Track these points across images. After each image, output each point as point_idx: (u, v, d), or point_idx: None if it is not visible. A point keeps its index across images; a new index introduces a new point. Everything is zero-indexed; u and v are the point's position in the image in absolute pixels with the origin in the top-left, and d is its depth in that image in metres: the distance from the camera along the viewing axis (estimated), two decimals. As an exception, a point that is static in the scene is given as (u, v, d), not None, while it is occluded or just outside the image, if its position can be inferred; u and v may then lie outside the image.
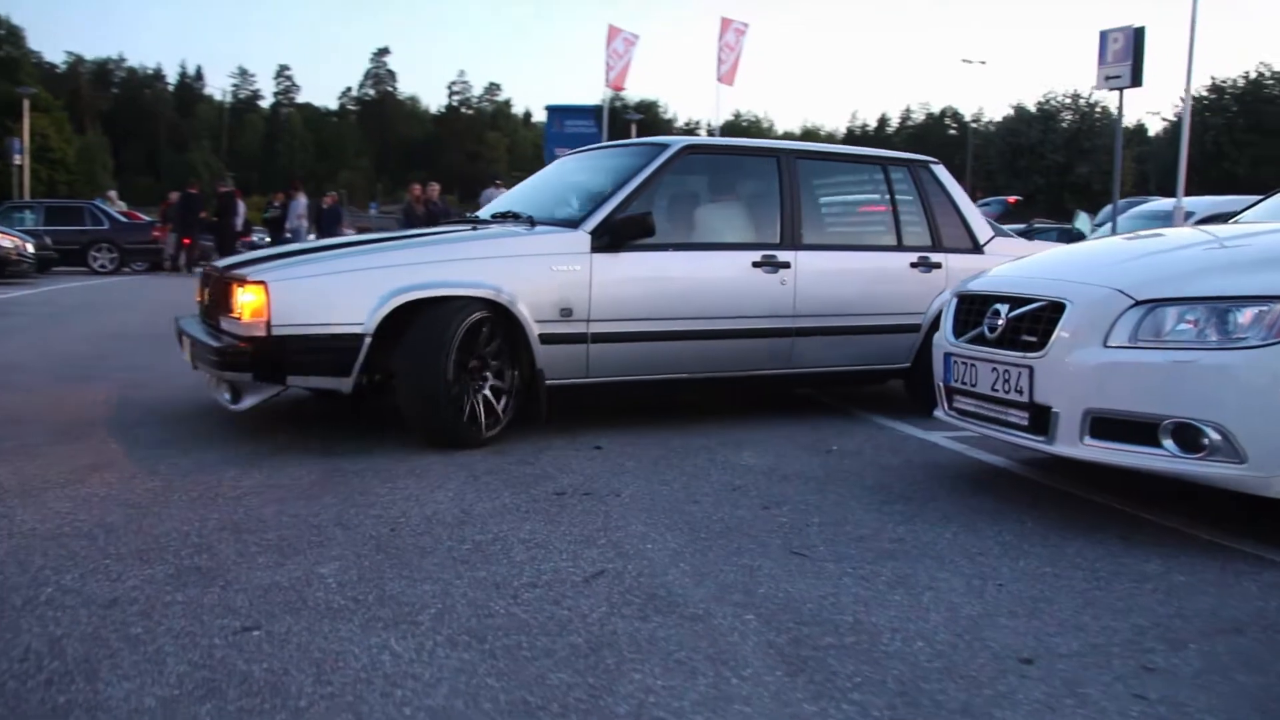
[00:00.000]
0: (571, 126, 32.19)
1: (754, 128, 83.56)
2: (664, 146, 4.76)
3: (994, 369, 3.29)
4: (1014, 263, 3.78)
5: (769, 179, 4.93)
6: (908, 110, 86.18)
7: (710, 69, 28.84)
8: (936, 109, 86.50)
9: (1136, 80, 10.77)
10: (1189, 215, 11.49)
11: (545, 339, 4.23)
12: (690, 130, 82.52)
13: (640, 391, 4.64)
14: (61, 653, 2.01)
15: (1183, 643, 2.21)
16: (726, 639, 2.16)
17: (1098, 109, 44.79)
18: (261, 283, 3.85)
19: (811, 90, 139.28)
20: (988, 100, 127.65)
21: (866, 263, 5.08)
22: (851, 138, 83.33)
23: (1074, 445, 3.02)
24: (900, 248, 5.18)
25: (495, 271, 4.15)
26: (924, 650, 2.13)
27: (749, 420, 4.94)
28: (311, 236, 20.30)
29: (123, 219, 19.42)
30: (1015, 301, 3.28)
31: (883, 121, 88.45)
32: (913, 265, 5.14)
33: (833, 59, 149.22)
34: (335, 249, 4.39)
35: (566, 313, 4.27)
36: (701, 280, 4.61)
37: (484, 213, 5.37)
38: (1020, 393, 3.17)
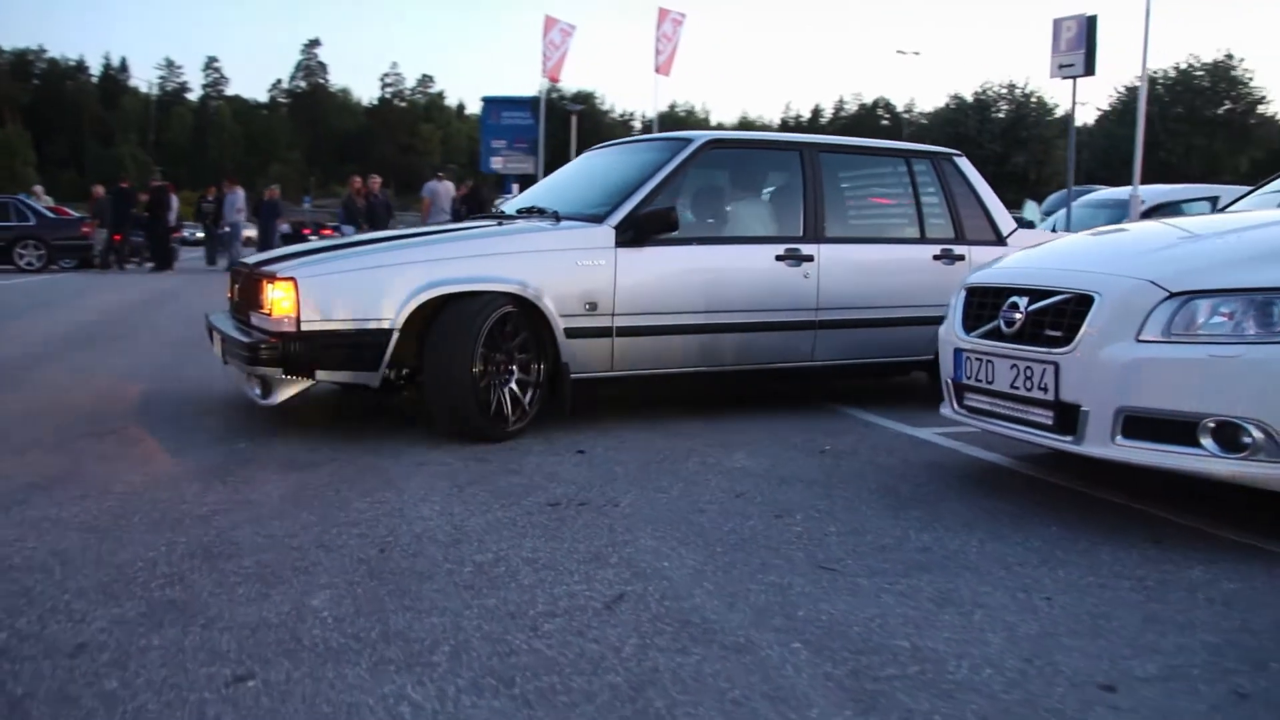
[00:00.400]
0: (508, 118, 31.80)
1: (690, 119, 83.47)
2: (688, 141, 4.75)
3: (1013, 365, 3.12)
4: (1023, 253, 3.62)
5: (792, 172, 4.93)
6: (841, 101, 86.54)
7: (648, 60, 28.65)
8: (869, 99, 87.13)
9: (1090, 69, 10.79)
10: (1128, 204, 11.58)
11: (570, 333, 4.23)
12: (625, 121, 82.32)
13: (663, 385, 4.66)
14: (25, 716, 1.74)
15: (1263, 662, 2.05)
16: (779, 672, 1.96)
17: (1033, 99, 45.51)
18: (291, 279, 3.86)
19: (748, 81, 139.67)
20: (921, 91, 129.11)
21: (889, 255, 5.06)
22: (785, 128, 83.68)
23: (1104, 445, 2.87)
24: (923, 240, 5.16)
25: (521, 266, 4.17)
26: (996, 679, 1.95)
27: (732, 418, 4.74)
28: (249, 232, 19.73)
29: (50, 214, 18.63)
30: (1035, 294, 3.12)
31: (816, 112, 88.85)
32: (935, 257, 5.11)
33: (769, 50, 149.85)
34: (363, 245, 4.40)
35: (591, 307, 4.28)
36: (725, 274, 4.61)
37: (508, 208, 5.38)
38: (1044, 390, 3.01)
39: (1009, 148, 43.93)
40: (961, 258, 5.15)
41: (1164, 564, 2.68)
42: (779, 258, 4.72)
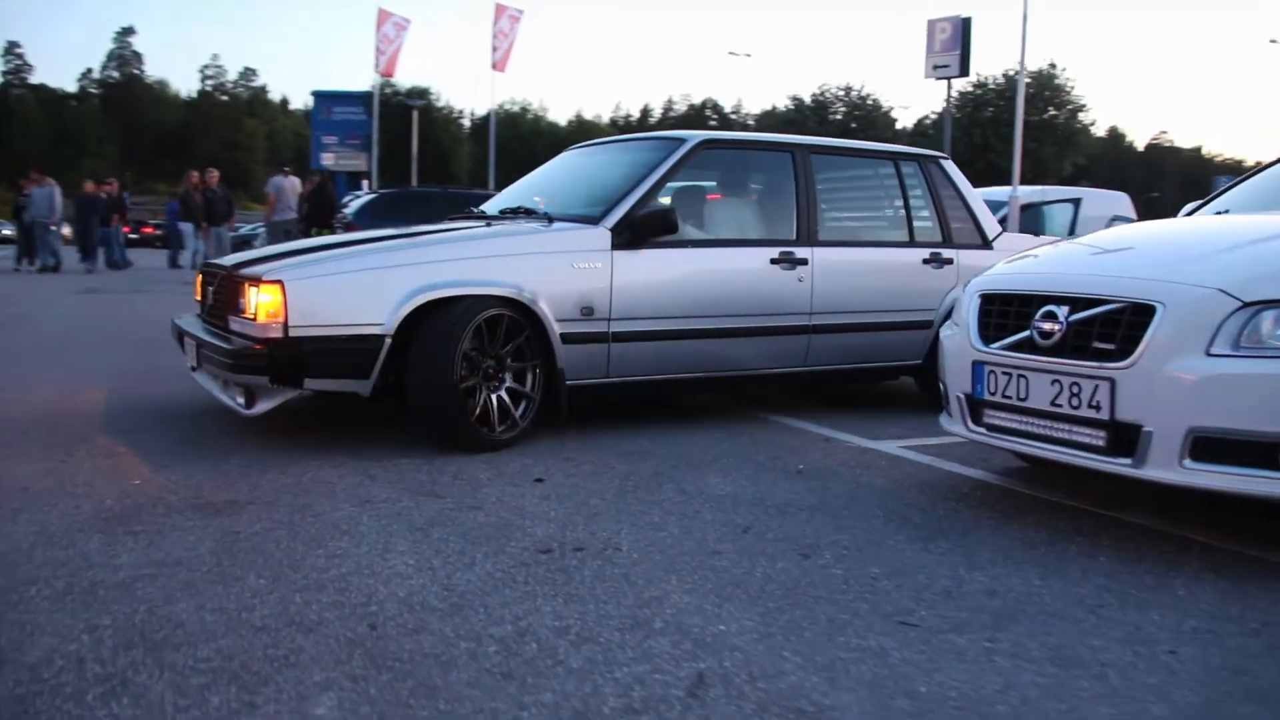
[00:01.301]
0: (340, 113, 30.55)
1: (526, 116, 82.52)
2: (681, 141, 4.60)
3: (1055, 381, 2.85)
4: (1045, 257, 3.36)
5: (784, 174, 4.79)
6: (670, 101, 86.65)
7: (484, 56, 28.00)
8: (698, 100, 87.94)
9: (965, 69, 10.95)
10: (1002, 205, 11.84)
11: (566, 338, 4.06)
12: (455, 118, 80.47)
13: (657, 391, 4.51)
14: None
15: None
16: (958, 782, 1.58)
17: (869, 101, 47.00)
18: (278, 282, 3.65)
19: (583, 79, 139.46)
20: (753, 93, 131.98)
21: (881, 259, 4.97)
22: (615, 128, 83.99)
23: (1170, 469, 2.62)
24: (912, 244, 5.08)
25: (516, 269, 3.99)
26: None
27: (676, 432, 4.35)
28: (58, 228, 18.07)
29: None
30: (1077, 302, 2.85)
31: (645, 112, 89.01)
32: (925, 261, 5.03)
33: (605, 48, 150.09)
34: (349, 246, 4.19)
35: (588, 311, 4.11)
36: (721, 278, 4.47)
37: (489, 208, 5.13)
38: (1096, 409, 2.74)
39: (845, 150, 45.17)
40: (950, 261, 5.06)
41: (1255, 602, 2.45)
42: (773, 261, 4.57)
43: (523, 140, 56.81)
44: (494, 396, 3.92)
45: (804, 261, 4.62)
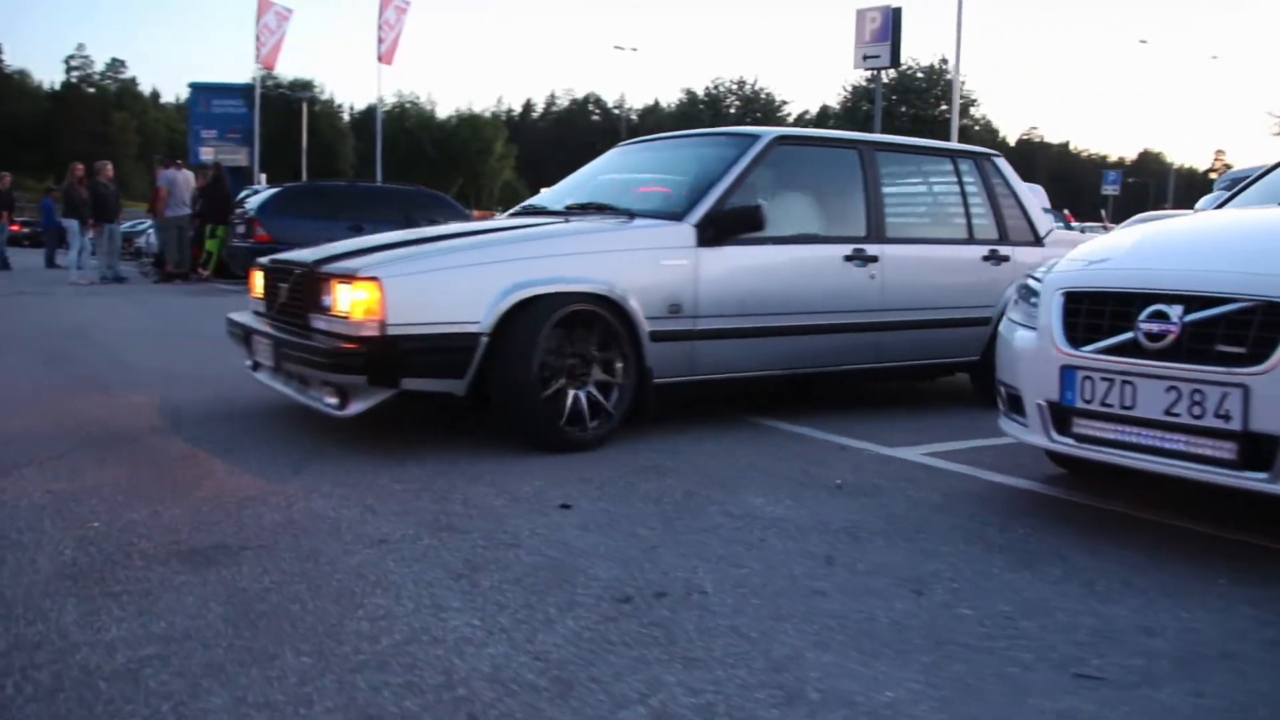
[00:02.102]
0: (219, 106, 29.26)
1: (414, 110, 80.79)
2: (755, 137, 4.56)
3: (1171, 388, 2.58)
4: (1133, 251, 3.06)
5: (853, 171, 4.78)
6: (553, 96, 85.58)
7: (370, 47, 27.10)
8: (581, 94, 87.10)
9: (895, 60, 10.83)
10: None
11: (654, 336, 3.98)
12: (336, 110, 78.16)
13: (735, 389, 4.48)
14: None
15: None
16: None
17: (762, 95, 47.32)
18: (375, 279, 3.54)
19: (469, 72, 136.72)
20: (640, 87, 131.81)
21: (944, 255, 4.97)
22: (502, 122, 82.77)
23: (1316, 484, 2.38)
24: (971, 240, 5.09)
25: (607, 266, 3.91)
26: None
27: (678, 443, 3.98)
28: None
29: None
30: (1192, 301, 2.59)
31: (528, 107, 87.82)
32: (984, 258, 5.05)
33: (491, 40, 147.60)
34: (434, 241, 4.06)
35: (675, 309, 4.05)
36: (799, 274, 4.46)
37: (546, 204, 5.01)
38: (1225, 419, 2.48)
39: (739, 143, 45.40)
40: (1007, 258, 5.07)
41: None
42: (847, 258, 4.56)
43: (409, 134, 55.36)
44: (581, 395, 3.83)
45: (875, 259, 4.61)
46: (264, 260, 4.48)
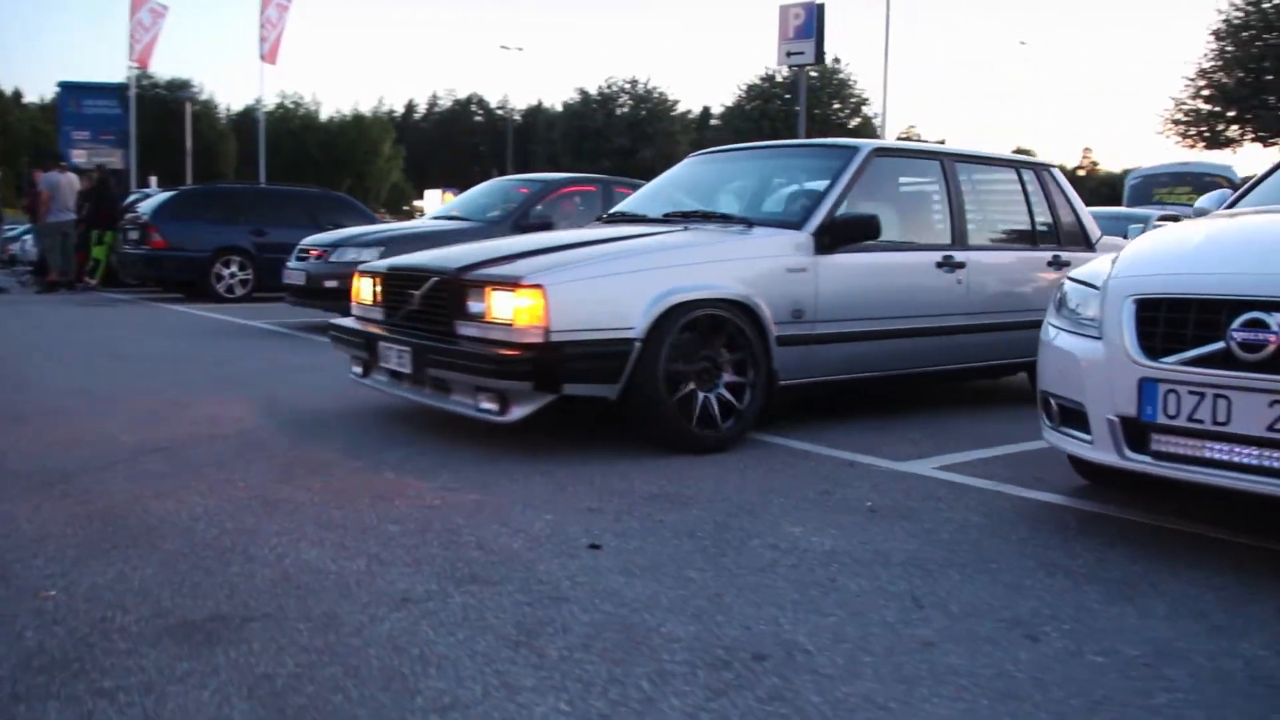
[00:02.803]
0: (91, 107, 27.71)
1: (298, 110, 78.67)
2: (856, 149, 4.71)
3: (1276, 402, 2.39)
4: (1207, 253, 2.87)
5: (936, 181, 4.97)
6: (435, 96, 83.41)
7: (251, 46, 26.08)
8: (463, 95, 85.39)
9: (819, 57, 10.71)
10: None
11: (780, 340, 4.12)
12: (210, 111, 75.33)
13: (840, 390, 4.59)
14: None
15: None
16: None
17: (655, 94, 47.25)
18: (539, 286, 3.62)
19: (352, 72, 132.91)
20: (525, 88, 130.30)
21: (1016, 261, 5.20)
22: (392, 122, 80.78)
23: None
24: (1036, 246, 5.32)
25: (741, 274, 4.06)
26: None
27: (669, 464, 3.68)
28: None
29: None
30: (1296, 308, 2.41)
31: (410, 107, 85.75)
32: (1049, 263, 5.27)
33: (374, 40, 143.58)
34: (580, 247, 4.13)
35: (798, 314, 4.21)
36: (900, 280, 4.64)
37: (642, 211, 5.12)
38: (1341, 434, 2.30)
39: (636, 142, 45.27)
40: (1067, 263, 5.25)
41: None
42: (938, 265, 4.75)
43: (294, 135, 53.48)
44: (711, 398, 3.92)
45: (962, 265, 4.81)
46: (378, 266, 4.56)
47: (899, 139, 46.11)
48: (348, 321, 4.66)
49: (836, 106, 42.80)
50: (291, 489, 3.31)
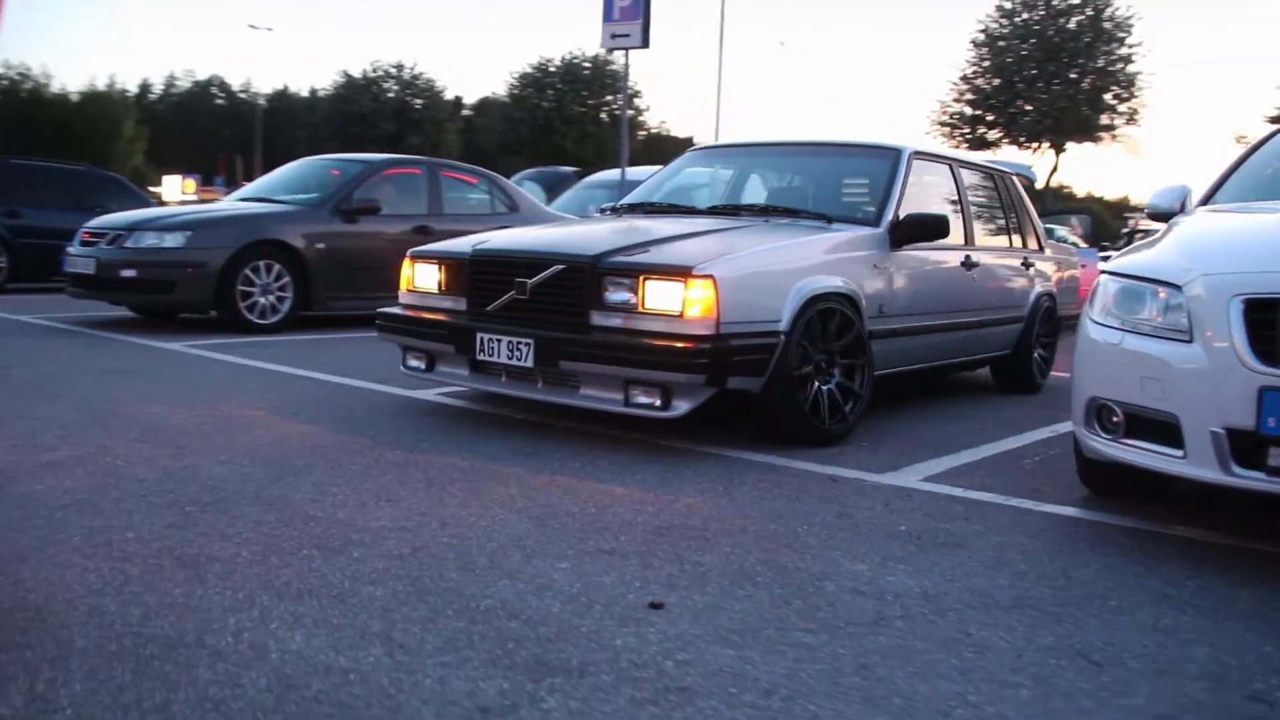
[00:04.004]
0: None
1: (25, 82, 70.33)
2: (899, 150, 4.79)
3: None
4: None
5: (950, 183, 5.10)
6: (172, 76, 76.60)
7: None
8: (204, 76, 79.05)
9: (645, 41, 10.31)
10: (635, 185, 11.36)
11: (870, 334, 4.12)
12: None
13: (893, 384, 4.58)
14: None
15: None
16: None
17: (420, 80, 45.63)
18: (710, 276, 3.50)
19: (86, 45, 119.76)
20: (274, 70, 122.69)
21: (1004, 261, 5.45)
22: (133, 101, 73.88)
23: None
24: (1011, 248, 5.58)
25: (847, 269, 4.10)
26: None
27: (667, 491, 3.19)
28: None
29: None
30: None
31: (145, 87, 78.59)
32: (1024, 264, 5.60)
33: (108, 10, 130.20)
34: (687, 238, 4.01)
35: (881, 308, 4.26)
36: (944, 277, 4.82)
37: (696, 203, 5.18)
38: None
39: (403, 128, 43.50)
40: (1032, 265, 5.64)
41: None
42: (962, 263, 4.92)
43: (20, 110, 47.64)
44: (831, 390, 3.93)
45: (977, 264, 5.01)
46: (454, 250, 4.24)
47: (650, 133, 46.80)
48: (436, 316, 4.18)
49: (609, 98, 42.75)
50: (202, 538, 2.56)
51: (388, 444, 3.68)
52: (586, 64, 43.90)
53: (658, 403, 3.58)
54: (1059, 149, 35.14)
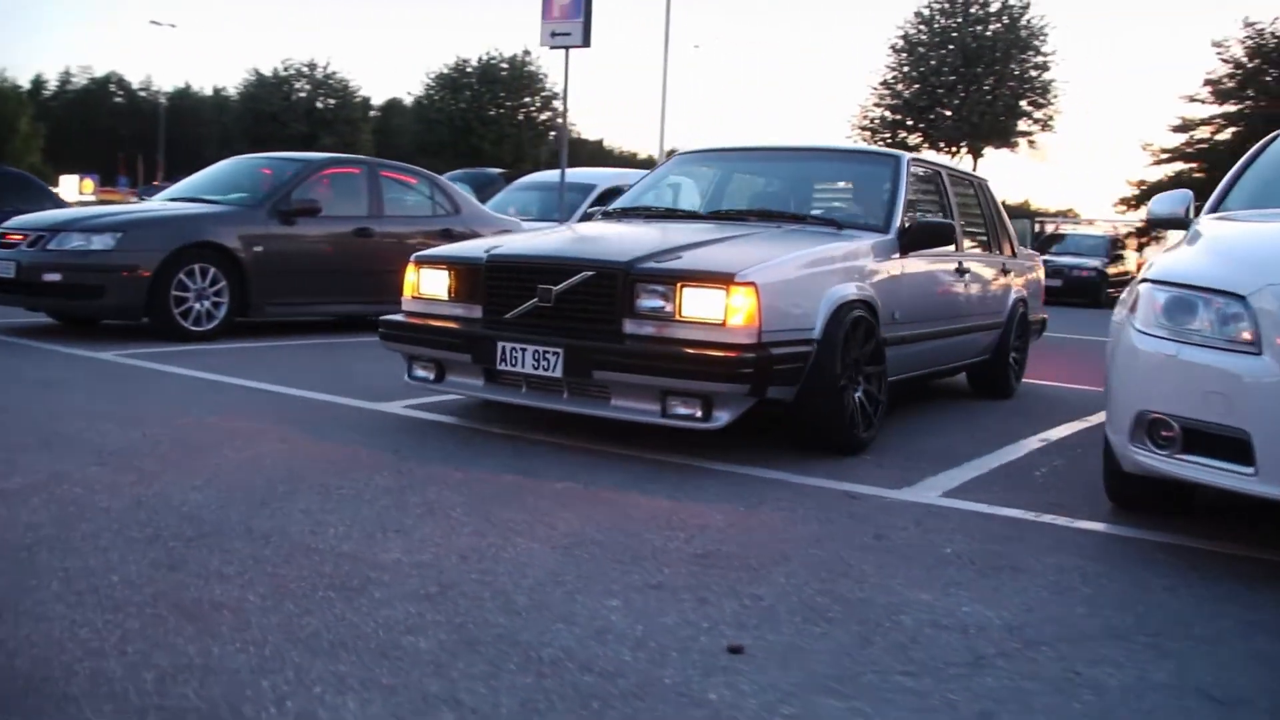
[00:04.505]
0: None
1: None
2: (898, 157, 4.77)
3: None
4: None
5: (940, 191, 5.05)
6: (67, 73, 73.52)
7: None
8: (101, 73, 76.05)
9: (586, 40, 10.11)
10: (592, 188, 11.10)
11: (885, 341, 4.06)
12: None
13: (892, 392, 4.34)
14: None
15: None
16: None
17: (333, 79, 44.60)
18: (752, 284, 3.41)
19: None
20: (175, 68, 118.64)
21: (989, 268, 5.45)
22: (31, 99, 70.50)
23: None
24: (991, 253, 5.58)
25: (864, 276, 4.02)
26: None
27: (678, 519, 3.00)
28: None
29: None
30: None
31: (38, 83, 75.19)
32: (1003, 269, 5.63)
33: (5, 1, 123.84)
34: (713, 244, 3.89)
35: (894, 315, 4.20)
36: (943, 283, 4.81)
37: (691, 206, 5.18)
38: None
39: (315, 128, 42.43)
40: (1009, 271, 5.68)
41: None
42: (956, 269, 4.92)
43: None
44: (860, 397, 3.86)
45: (967, 271, 5.01)
46: (466, 254, 4.04)
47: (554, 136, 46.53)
48: (446, 324, 3.96)
49: (527, 100, 42.37)
50: (198, 580, 2.27)
51: (369, 464, 3.40)
52: (504, 65, 43.40)
53: (698, 413, 3.46)
54: (977, 154, 35.88)
